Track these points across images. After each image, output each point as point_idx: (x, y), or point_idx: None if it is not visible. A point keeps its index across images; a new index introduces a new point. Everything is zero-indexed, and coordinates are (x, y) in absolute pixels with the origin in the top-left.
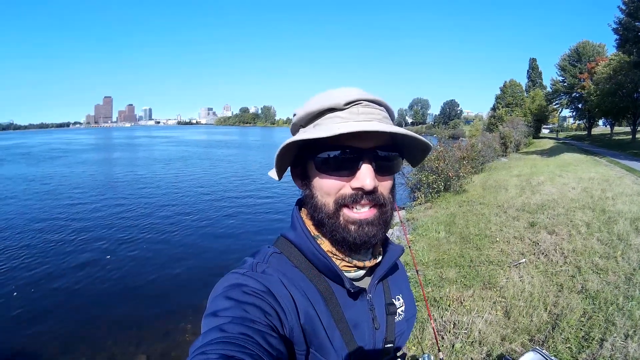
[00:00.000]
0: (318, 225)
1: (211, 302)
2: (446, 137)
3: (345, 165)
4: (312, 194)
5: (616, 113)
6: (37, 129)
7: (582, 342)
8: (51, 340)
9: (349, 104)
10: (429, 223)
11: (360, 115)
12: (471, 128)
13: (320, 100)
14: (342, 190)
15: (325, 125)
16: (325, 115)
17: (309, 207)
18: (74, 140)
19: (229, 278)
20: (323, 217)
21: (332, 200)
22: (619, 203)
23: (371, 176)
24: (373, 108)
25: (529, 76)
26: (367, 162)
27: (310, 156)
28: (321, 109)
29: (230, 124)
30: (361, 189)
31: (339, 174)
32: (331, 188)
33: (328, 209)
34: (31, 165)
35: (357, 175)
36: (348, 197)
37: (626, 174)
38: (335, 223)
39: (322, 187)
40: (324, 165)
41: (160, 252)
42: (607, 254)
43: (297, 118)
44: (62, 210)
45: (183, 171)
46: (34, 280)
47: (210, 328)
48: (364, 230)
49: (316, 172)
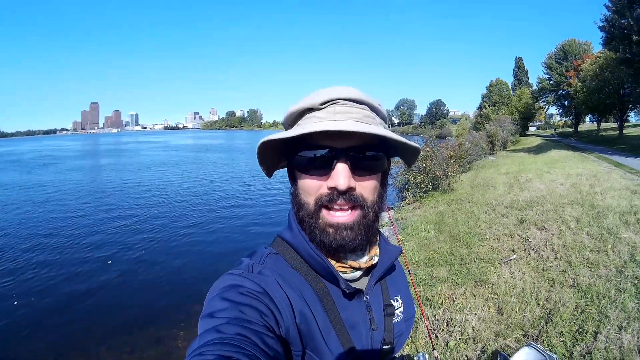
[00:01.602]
0: (300, 222)
1: (208, 303)
2: (433, 137)
3: (321, 165)
4: (296, 192)
5: (603, 109)
6: (24, 136)
7: (576, 335)
8: (43, 347)
9: (325, 103)
10: (418, 222)
11: (337, 114)
12: (458, 127)
13: (302, 101)
14: (320, 190)
15: (303, 125)
16: (305, 115)
17: (293, 205)
18: (62, 147)
19: (225, 279)
20: (304, 216)
21: (312, 199)
22: (608, 197)
23: (345, 175)
24: (351, 107)
25: (515, 75)
26: (342, 162)
27: (292, 156)
28: (301, 109)
29: (216, 128)
30: (335, 188)
31: (317, 174)
32: (311, 187)
33: (309, 208)
34: (25, 173)
35: (332, 174)
36: (325, 196)
37: (614, 168)
38: (314, 223)
39: (302, 186)
40: (302, 165)
41: (153, 257)
42: (597, 248)
43: (283, 119)
44: (56, 217)
45: (173, 176)
46: (25, 286)
47: (207, 329)
48: (342, 235)
49: (297, 172)
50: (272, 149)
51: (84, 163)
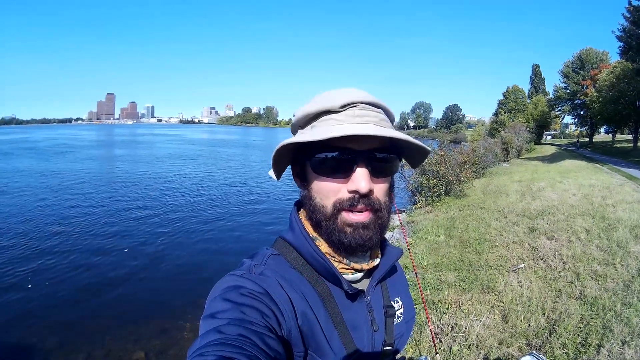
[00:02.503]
0: (315, 226)
1: (209, 304)
2: (448, 142)
3: (341, 168)
4: (310, 195)
5: (618, 120)
6: (39, 124)
7: (579, 347)
8: (49, 333)
9: (345, 106)
10: (429, 226)
11: (356, 117)
12: (473, 133)
13: (318, 102)
14: (340, 194)
15: (321, 127)
16: (322, 117)
17: (307, 207)
18: (77, 136)
19: (226, 280)
20: (321, 219)
21: (330, 203)
22: (619, 210)
23: (366, 179)
24: (370, 110)
25: (532, 82)
26: (362, 165)
27: (307, 158)
28: (318, 110)
29: (232, 123)
30: (356, 191)
31: (336, 177)
32: (329, 191)
33: (326, 211)
34: (42, 160)
35: (352, 178)
36: (346, 201)
37: (627, 181)
38: (332, 225)
39: (320, 189)
40: (321, 168)
41: (163, 249)
42: (606, 260)
43: (295, 119)
44: (72, 205)
45: (187, 169)
46: (33, 273)
47: (208, 330)
48: (360, 234)
49: (314, 175)
50: (287, 152)
51: (99, 153)
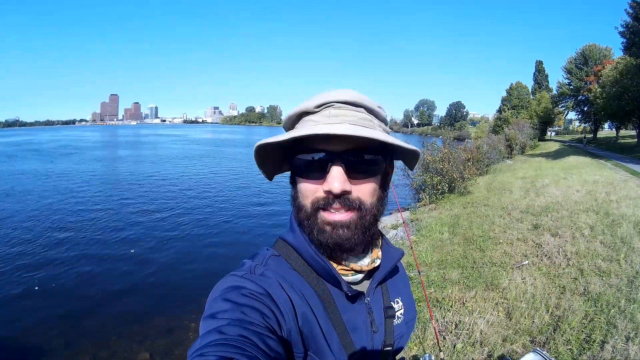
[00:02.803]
0: (299, 224)
1: (209, 304)
2: (451, 139)
3: (317, 169)
4: (295, 195)
5: (622, 116)
6: (43, 126)
7: (583, 344)
8: (55, 333)
9: (320, 106)
10: (432, 224)
11: (332, 117)
12: (477, 130)
13: (299, 105)
14: (316, 194)
15: (300, 129)
16: (302, 119)
17: (293, 207)
18: (82, 138)
19: (227, 280)
20: (302, 218)
21: (309, 202)
22: (623, 206)
23: (340, 179)
24: (347, 110)
25: (535, 78)
26: (337, 165)
27: (291, 159)
28: (297, 112)
29: (236, 123)
30: (330, 192)
31: (313, 177)
32: (307, 191)
33: (307, 210)
34: (47, 162)
35: (327, 178)
36: (321, 200)
37: (631, 177)
38: (312, 224)
39: (300, 189)
40: (299, 168)
41: (167, 249)
42: (610, 256)
43: (283, 122)
44: (78, 207)
45: (192, 170)
46: (40, 274)
47: (209, 330)
48: (338, 233)
49: (296, 176)
50: (273, 153)
51: (105, 154)
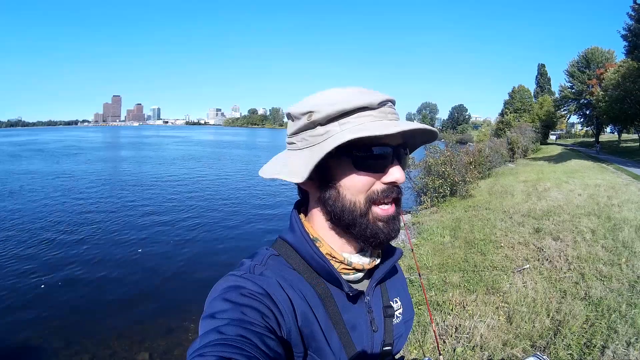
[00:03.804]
0: (347, 226)
1: (209, 304)
2: (454, 142)
3: (380, 162)
4: (338, 193)
5: (624, 120)
6: (45, 126)
7: (583, 348)
8: (55, 334)
9: (382, 103)
10: (434, 227)
11: (389, 115)
12: (479, 133)
13: (351, 99)
14: (373, 187)
15: (357, 123)
16: (357, 114)
17: (333, 209)
18: (85, 138)
19: (226, 280)
20: (355, 217)
21: (363, 197)
22: (625, 210)
23: (401, 170)
24: (394, 108)
25: (538, 82)
26: (397, 158)
27: (342, 155)
28: (356, 107)
29: (238, 125)
30: (394, 182)
31: (373, 171)
32: (365, 185)
33: (360, 206)
34: (53, 162)
35: (389, 171)
36: (380, 192)
37: (633, 181)
38: (365, 222)
39: (354, 185)
40: (363, 163)
41: (169, 250)
42: (611, 261)
43: (320, 115)
44: (79, 207)
45: (195, 171)
46: (38, 273)
47: (208, 330)
48: (391, 226)
49: (348, 171)
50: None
51: (109, 154)
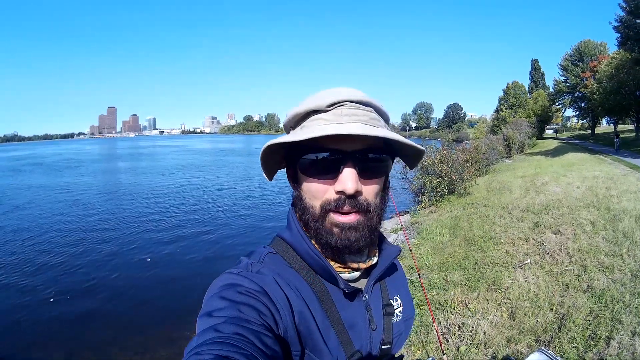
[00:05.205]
0: (305, 226)
1: (206, 302)
2: (450, 141)
3: (328, 169)
4: (300, 195)
5: (619, 111)
6: (41, 140)
7: (588, 341)
8: (55, 344)
9: (332, 105)
10: (433, 226)
11: (344, 117)
12: (475, 131)
13: (306, 102)
14: (327, 195)
15: (309, 127)
16: (310, 117)
17: (297, 208)
18: (83, 151)
19: (223, 278)
20: (309, 220)
21: (318, 204)
22: (624, 200)
23: (353, 179)
24: (358, 109)
25: (532, 77)
26: (349, 166)
27: (297, 159)
28: (306, 110)
29: (234, 132)
30: (343, 192)
31: (323, 177)
32: (317, 192)
33: (315, 212)
34: (54, 176)
35: (339, 178)
36: (332, 201)
37: (631, 171)
38: (320, 226)
39: (309, 190)
40: (309, 168)
41: (170, 259)
42: (612, 251)
43: (286, 120)
44: (80, 219)
45: (191, 180)
46: (38, 282)
47: (205, 328)
48: (347, 235)
49: (303, 176)
50: (276, 153)
51: (107, 166)
